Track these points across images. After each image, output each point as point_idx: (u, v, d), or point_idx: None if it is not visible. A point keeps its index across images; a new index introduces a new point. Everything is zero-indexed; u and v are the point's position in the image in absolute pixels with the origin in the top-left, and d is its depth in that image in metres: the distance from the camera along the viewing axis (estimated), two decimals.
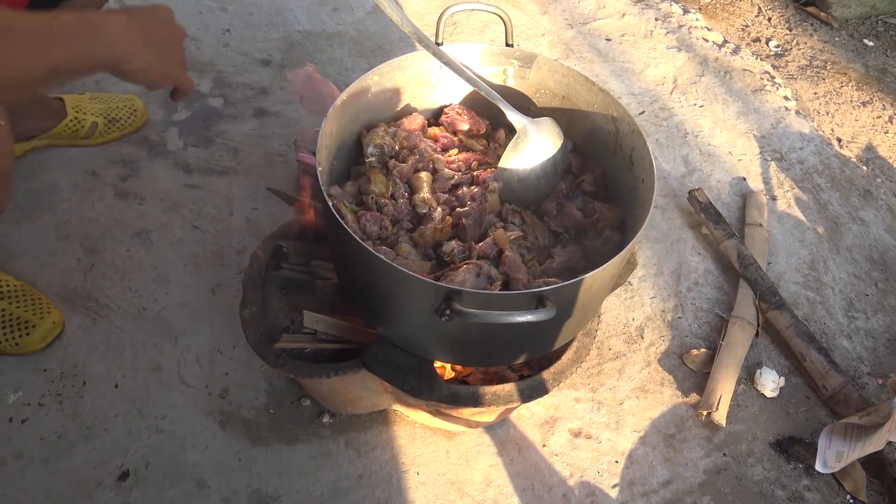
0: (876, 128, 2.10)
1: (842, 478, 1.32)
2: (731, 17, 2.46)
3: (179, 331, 1.38)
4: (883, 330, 1.59)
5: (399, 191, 1.12)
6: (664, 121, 1.96)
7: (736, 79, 2.12)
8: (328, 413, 1.29)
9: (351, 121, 1.16)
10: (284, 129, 1.74)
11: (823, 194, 1.85)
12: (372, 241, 1.06)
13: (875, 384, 1.48)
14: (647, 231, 1.69)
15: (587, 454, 1.31)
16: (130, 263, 1.46)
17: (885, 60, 2.36)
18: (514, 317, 0.86)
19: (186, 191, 1.60)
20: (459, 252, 1.06)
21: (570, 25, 2.23)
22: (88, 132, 1.61)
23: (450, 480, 1.25)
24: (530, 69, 1.23)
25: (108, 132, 1.65)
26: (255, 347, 1.10)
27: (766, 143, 1.94)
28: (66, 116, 1.58)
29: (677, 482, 1.30)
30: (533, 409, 1.35)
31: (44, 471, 1.19)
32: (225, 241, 1.52)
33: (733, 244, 1.60)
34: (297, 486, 1.21)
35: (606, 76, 2.08)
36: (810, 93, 2.19)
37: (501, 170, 1.15)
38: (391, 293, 0.99)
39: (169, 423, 1.26)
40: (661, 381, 1.43)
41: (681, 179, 1.81)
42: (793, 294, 1.61)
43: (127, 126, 1.66)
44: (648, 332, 1.51)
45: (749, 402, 1.42)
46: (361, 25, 2.10)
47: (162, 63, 0.87)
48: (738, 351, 1.43)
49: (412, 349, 1.07)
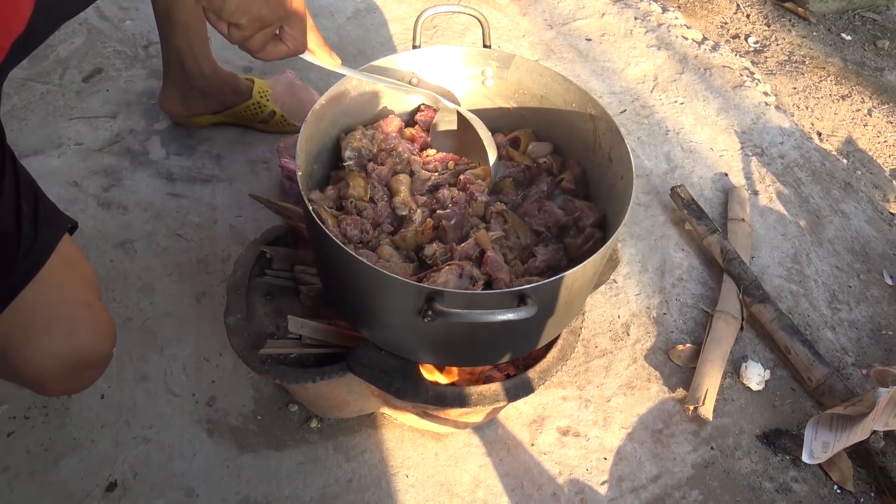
0: (855, 121, 2.12)
1: (829, 468, 1.33)
2: (710, 15, 2.48)
3: (165, 340, 1.37)
4: (866, 321, 1.60)
5: (378, 194, 1.13)
6: (645, 119, 1.98)
7: (716, 75, 2.13)
8: (316, 418, 1.29)
9: (330, 125, 1.16)
10: (267, 135, 1.74)
11: (805, 188, 1.86)
12: (353, 244, 1.06)
13: (859, 374, 1.49)
14: (631, 228, 1.70)
15: (576, 452, 1.32)
16: (115, 274, 1.45)
17: (862, 54, 2.38)
18: (496, 315, 0.86)
19: (170, 199, 1.60)
20: (442, 254, 1.06)
21: (550, 26, 2.24)
22: (266, 118, 1.71)
23: (439, 482, 1.25)
24: (508, 70, 1.24)
25: (283, 124, 1.72)
26: (241, 354, 1.10)
27: (746, 139, 1.96)
28: (249, 98, 1.66)
29: (666, 477, 1.30)
30: (521, 409, 1.36)
31: (31, 484, 1.18)
32: (209, 249, 1.52)
33: (716, 239, 1.61)
34: (286, 492, 1.21)
35: (587, 76, 2.09)
36: (790, 88, 2.21)
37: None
38: (374, 296, 0.99)
39: (156, 433, 1.26)
40: (647, 377, 1.44)
41: (663, 176, 1.83)
42: (776, 287, 1.62)
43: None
44: (634, 329, 1.51)
45: (735, 396, 1.43)
46: (342, 31, 2.10)
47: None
48: (723, 345, 1.44)
49: (397, 351, 1.07)
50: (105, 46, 1.93)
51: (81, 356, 0.91)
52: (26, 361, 0.87)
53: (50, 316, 0.88)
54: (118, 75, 1.86)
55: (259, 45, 0.84)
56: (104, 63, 1.88)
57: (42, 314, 0.87)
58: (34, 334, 0.87)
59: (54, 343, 0.88)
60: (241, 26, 0.80)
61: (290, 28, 0.85)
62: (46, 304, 0.87)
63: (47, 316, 0.88)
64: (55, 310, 0.89)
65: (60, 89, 1.80)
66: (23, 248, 0.85)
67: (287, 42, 0.87)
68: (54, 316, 0.88)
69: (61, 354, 0.88)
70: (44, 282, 0.86)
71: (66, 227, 0.94)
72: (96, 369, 0.96)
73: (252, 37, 0.82)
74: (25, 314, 0.86)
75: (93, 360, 0.93)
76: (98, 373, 0.97)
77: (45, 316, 0.87)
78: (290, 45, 0.87)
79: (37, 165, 1.60)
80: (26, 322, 0.86)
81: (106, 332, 0.95)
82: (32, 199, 0.89)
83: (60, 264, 0.89)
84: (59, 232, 0.92)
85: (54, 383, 0.91)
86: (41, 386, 0.91)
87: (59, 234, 0.92)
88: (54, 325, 0.88)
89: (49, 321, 0.88)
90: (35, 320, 0.87)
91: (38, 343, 0.87)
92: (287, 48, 0.87)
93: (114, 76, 1.85)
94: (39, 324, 0.87)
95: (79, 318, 0.91)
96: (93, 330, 0.92)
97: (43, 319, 0.87)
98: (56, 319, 0.89)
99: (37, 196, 0.90)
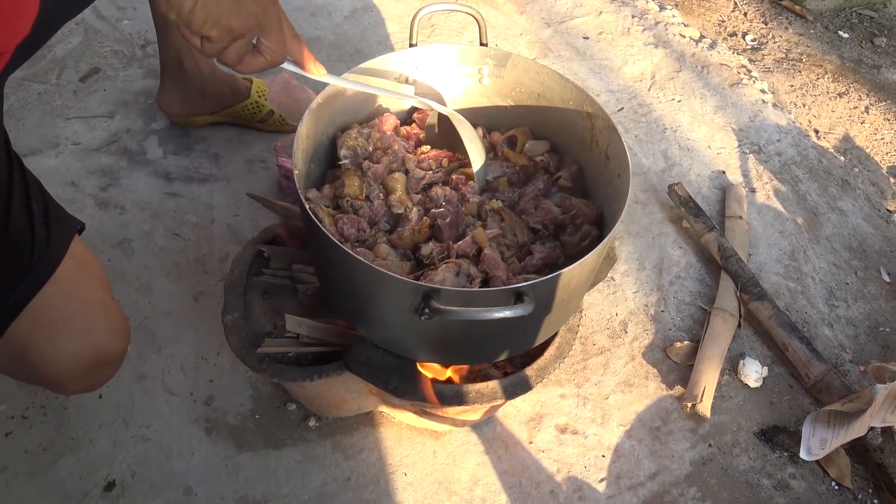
0: (852, 118, 2.12)
1: (826, 465, 1.34)
2: (707, 13, 2.48)
3: (163, 339, 1.37)
4: (863, 317, 1.60)
5: (374, 192, 1.13)
6: (643, 117, 1.98)
7: (713, 73, 2.13)
8: (314, 417, 1.29)
9: (327, 124, 1.17)
10: (264, 135, 1.74)
11: (802, 185, 1.86)
12: (350, 243, 1.07)
13: (857, 371, 1.50)
14: (629, 226, 1.70)
15: (574, 450, 1.32)
16: (112, 273, 1.45)
17: (859, 52, 2.38)
18: (493, 313, 0.86)
19: (167, 199, 1.60)
20: (438, 253, 1.06)
21: (547, 24, 2.24)
22: (264, 117, 1.71)
23: (437, 480, 1.26)
24: (505, 68, 1.24)
25: (281, 123, 1.73)
26: (238, 353, 1.11)
27: (744, 137, 1.96)
28: (247, 98, 1.67)
29: (664, 474, 1.31)
30: (519, 407, 1.36)
31: (29, 484, 1.18)
32: (207, 248, 1.52)
33: (714, 237, 1.61)
34: (284, 491, 1.21)
35: (585, 74, 2.09)
36: (787, 85, 2.21)
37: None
38: (371, 294, 0.99)
39: (154, 432, 1.26)
40: (645, 374, 1.44)
41: (661, 174, 1.83)
42: (774, 285, 1.62)
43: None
44: (632, 327, 1.51)
45: (733, 393, 1.43)
46: (339, 30, 2.10)
47: (210, 8, 0.74)
48: (720, 342, 1.44)
49: (394, 349, 1.08)
50: (102, 46, 1.92)
51: (99, 354, 0.91)
52: (46, 361, 0.87)
53: (67, 316, 0.89)
54: (115, 75, 1.86)
55: (234, 57, 0.81)
56: (101, 63, 1.88)
57: (59, 314, 0.88)
58: (53, 334, 0.87)
59: (73, 342, 0.89)
60: (212, 38, 0.77)
61: (266, 39, 0.83)
62: (63, 305, 0.88)
63: (65, 316, 0.88)
64: (72, 309, 0.89)
65: (58, 89, 1.80)
66: (37, 250, 0.85)
67: (264, 53, 0.84)
68: (71, 316, 0.89)
69: (80, 353, 0.89)
70: (59, 282, 0.87)
71: (76, 227, 0.95)
72: (112, 367, 0.97)
73: (226, 49, 0.79)
74: (43, 315, 0.86)
75: (109, 359, 0.94)
76: (113, 370, 0.98)
77: (62, 316, 0.88)
78: (268, 56, 0.84)
79: (34, 165, 1.60)
80: (44, 322, 0.86)
81: (121, 329, 0.96)
82: (42, 201, 0.89)
83: (74, 264, 0.90)
84: (70, 232, 0.92)
85: (73, 382, 0.91)
86: (60, 385, 0.92)
87: (70, 234, 0.92)
88: (72, 324, 0.89)
89: (67, 321, 0.89)
90: (53, 320, 0.87)
91: (57, 343, 0.88)
92: (264, 59, 0.84)
93: (111, 76, 1.85)
94: (57, 324, 0.88)
95: (95, 316, 0.92)
96: (109, 328, 0.93)
97: (61, 319, 0.88)
98: (73, 319, 0.89)
99: (45, 197, 0.90)
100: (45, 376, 0.90)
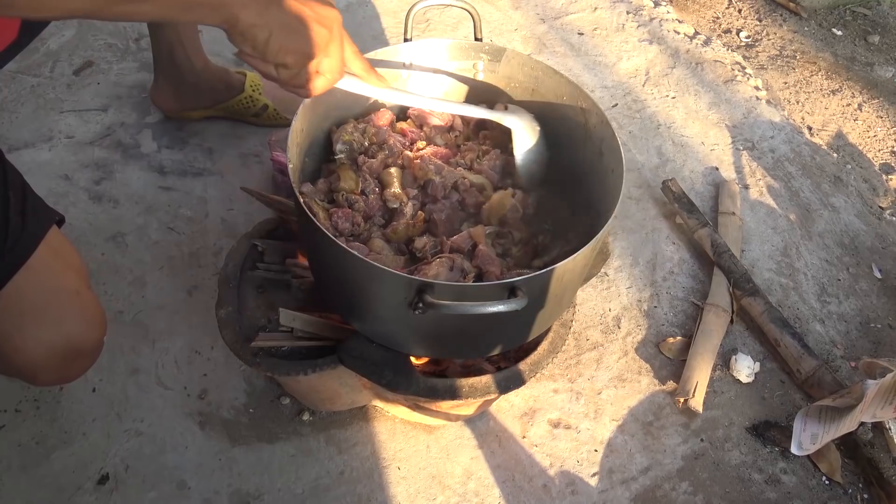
0: (845, 115, 2.13)
1: (817, 459, 1.35)
2: (702, 9, 2.48)
3: (157, 333, 1.37)
4: (855, 313, 1.61)
5: (369, 187, 1.13)
6: (637, 113, 1.98)
7: (707, 70, 2.14)
8: (308, 411, 1.30)
9: (322, 118, 1.17)
10: (259, 129, 1.74)
11: (795, 182, 1.87)
12: (345, 237, 1.07)
13: (848, 367, 1.50)
14: (622, 222, 1.71)
15: (567, 444, 1.33)
16: (106, 267, 1.45)
17: (853, 49, 2.39)
18: (486, 307, 0.87)
19: (161, 193, 1.60)
20: (432, 247, 1.06)
21: (542, 20, 2.24)
22: (258, 111, 1.70)
23: (431, 474, 1.26)
24: (500, 63, 1.24)
25: (275, 117, 1.72)
26: (232, 347, 1.11)
27: (737, 133, 1.96)
28: (242, 93, 1.65)
29: (656, 469, 1.31)
30: (512, 401, 1.36)
31: (23, 477, 1.18)
32: (201, 242, 1.52)
33: (707, 233, 1.62)
34: (278, 485, 1.21)
35: (579, 70, 2.09)
36: (781, 82, 2.21)
37: (521, 164, 1.19)
38: (365, 288, 0.99)
39: (148, 426, 1.26)
40: (638, 369, 1.44)
41: (654, 170, 1.83)
42: (766, 280, 1.63)
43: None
44: (625, 322, 1.52)
45: (725, 388, 1.44)
46: None
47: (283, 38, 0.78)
48: (713, 338, 1.45)
49: (388, 344, 1.08)
50: (96, 39, 1.92)
51: (72, 344, 0.91)
52: (17, 351, 0.87)
53: (39, 305, 0.88)
54: (109, 68, 1.85)
55: (305, 79, 0.84)
56: (95, 56, 1.87)
57: (31, 303, 0.87)
58: (24, 323, 0.87)
59: (44, 332, 0.88)
60: (288, 65, 0.81)
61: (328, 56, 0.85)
62: (35, 293, 0.88)
63: (36, 305, 0.88)
64: (44, 298, 0.89)
65: (51, 82, 1.79)
66: (10, 238, 0.85)
67: (325, 73, 0.85)
68: (43, 305, 0.89)
69: (51, 343, 0.89)
70: (32, 271, 0.87)
71: (55, 218, 0.94)
72: (87, 358, 0.96)
73: (299, 73, 0.83)
74: (14, 303, 0.86)
75: (84, 349, 0.94)
76: (89, 362, 0.97)
77: (34, 305, 0.88)
78: (329, 75, 0.86)
79: (27, 158, 1.60)
80: (15, 311, 0.86)
81: (96, 320, 0.95)
82: (20, 191, 0.89)
83: (49, 253, 0.90)
84: (47, 222, 0.92)
85: (46, 372, 0.91)
86: (33, 376, 0.91)
87: (47, 224, 0.92)
88: (43, 313, 0.88)
89: (38, 310, 0.88)
90: (24, 309, 0.87)
91: (28, 332, 0.87)
92: (326, 79, 0.86)
93: (105, 69, 1.85)
94: (29, 313, 0.87)
95: (69, 306, 0.91)
96: (82, 318, 0.93)
97: (32, 308, 0.87)
98: (45, 308, 0.89)
99: (24, 189, 0.90)
100: (18, 366, 0.89)
